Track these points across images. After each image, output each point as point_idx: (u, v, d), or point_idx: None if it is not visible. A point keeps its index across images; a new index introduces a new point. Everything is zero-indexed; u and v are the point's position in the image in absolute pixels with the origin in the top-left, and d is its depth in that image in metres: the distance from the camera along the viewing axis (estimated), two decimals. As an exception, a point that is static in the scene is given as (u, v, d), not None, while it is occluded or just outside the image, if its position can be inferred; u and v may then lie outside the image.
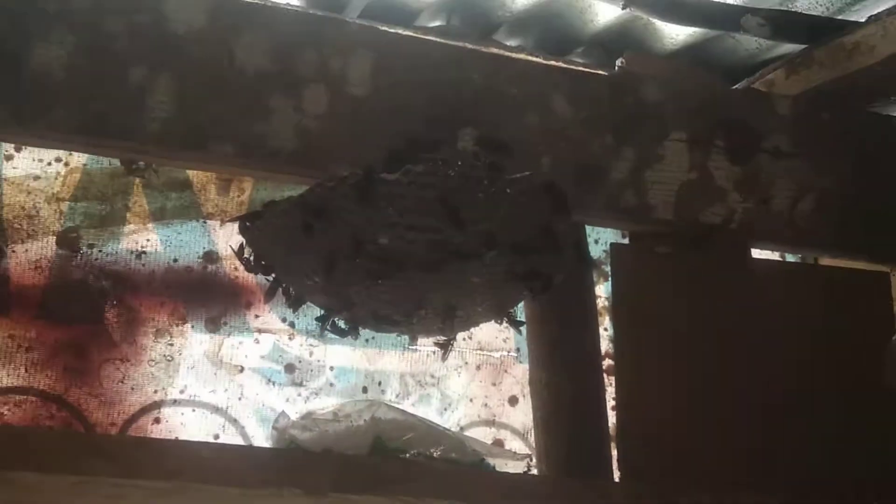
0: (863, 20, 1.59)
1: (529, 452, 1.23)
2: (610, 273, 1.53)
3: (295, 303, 1.35)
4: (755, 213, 1.52)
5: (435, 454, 1.05)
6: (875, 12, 1.58)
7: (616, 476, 1.43)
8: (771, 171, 1.53)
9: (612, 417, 1.51)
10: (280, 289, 1.34)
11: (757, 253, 1.63)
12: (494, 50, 1.72)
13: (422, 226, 1.25)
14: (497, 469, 1.08)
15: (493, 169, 1.28)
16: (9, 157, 1.64)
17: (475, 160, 1.29)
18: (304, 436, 1.03)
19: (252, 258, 1.31)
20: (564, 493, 1.03)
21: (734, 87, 1.75)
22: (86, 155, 1.66)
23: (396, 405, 1.13)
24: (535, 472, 1.22)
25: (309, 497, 0.92)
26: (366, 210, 1.24)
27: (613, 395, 1.48)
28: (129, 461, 0.87)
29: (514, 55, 1.72)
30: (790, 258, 1.82)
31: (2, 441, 0.87)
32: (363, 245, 1.24)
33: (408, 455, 1.05)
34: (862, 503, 1.37)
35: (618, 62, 1.70)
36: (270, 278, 1.33)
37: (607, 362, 1.57)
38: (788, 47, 1.73)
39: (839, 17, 1.67)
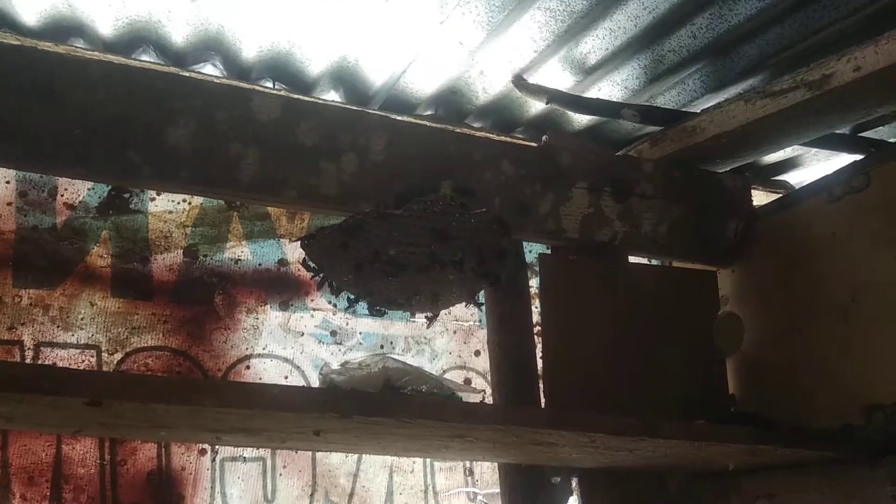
0: (698, 111, 1.62)
1: (485, 389, 1.25)
2: (539, 272, 1.54)
3: (336, 292, 1.36)
4: (631, 234, 1.54)
5: (423, 389, 1.07)
6: (705, 107, 1.61)
7: (542, 404, 1.46)
8: (640, 207, 1.56)
9: (539, 365, 1.52)
10: (326, 283, 1.35)
11: (632, 259, 1.65)
12: (466, 130, 1.74)
13: (416, 243, 1.28)
14: (463, 399, 1.11)
15: (463, 207, 1.31)
16: (152, 199, 1.65)
17: (451, 201, 1.31)
18: (339, 379, 1.05)
19: (309, 264, 1.33)
20: (505, 414, 1.05)
21: (617, 153, 1.77)
22: (202, 197, 1.68)
23: (400, 358, 1.15)
24: (489, 402, 1.25)
25: (341, 419, 0.94)
26: (380, 232, 1.26)
27: (541, 351, 1.49)
28: (225, 396, 0.89)
29: (477, 133, 1.73)
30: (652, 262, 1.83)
31: (142, 386, 0.88)
32: (379, 255, 1.27)
33: (406, 391, 1.07)
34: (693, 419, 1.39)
35: (543, 138, 1.72)
36: (320, 276, 1.34)
37: (536, 329, 1.58)
38: (649, 129, 1.76)
39: (684, 110, 1.70)
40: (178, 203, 1.65)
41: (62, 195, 1.57)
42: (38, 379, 0.78)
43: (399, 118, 1.57)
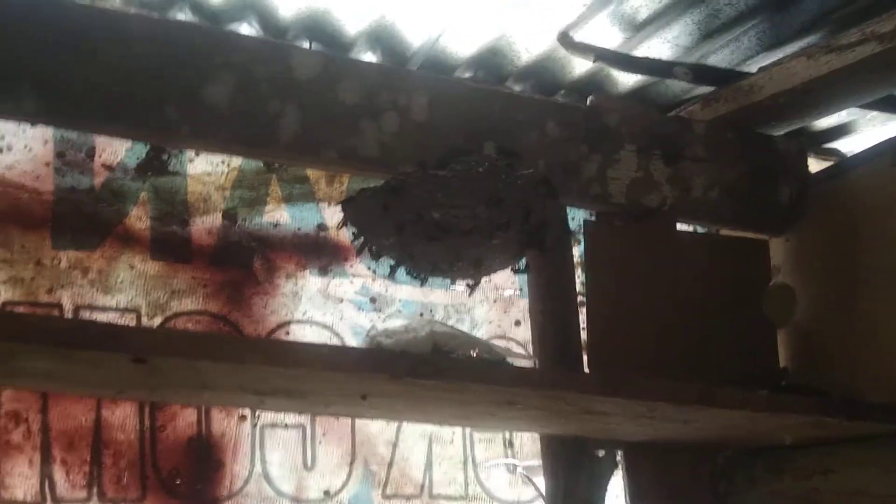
0: (753, 71, 1.56)
1: (534, 357, 1.22)
2: (582, 239, 1.51)
3: (376, 256, 1.34)
4: (681, 199, 1.49)
5: (473, 354, 1.04)
6: (761, 66, 1.55)
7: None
8: (691, 170, 1.51)
9: (583, 335, 1.49)
10: (366, 248, 1.33)
11: (680, 226, 1.61)
12: (509, 91, 1.70)
13: (461, 205, 1.24)
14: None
15: (508, 167, 1.27)
16: (191, 160, 1.64)
17: (496, 161, 1.28)
18: (387, 342, 1.02)
19: (349, 227, 1.30)
20: (561, 379, 1.01)
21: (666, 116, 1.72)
22: (241, 158, 1.66)
23: (446, 324, 1.13)
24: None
25: (391, 381, 0.92)
26: (423, 193, 1.23)
27: (584, 321, 1.46)
28: (271, 354, 0.86)
29: (521, 94, 1.69)
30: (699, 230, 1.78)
31: (189, 342, 0.86)
32: (422, 217, 1.24)
33: (455, 355, 1.04)
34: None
35: (589, 99, 1.67)
36: (360, 240, 1.32)
37: (580, 298, 1.55)
38: (701, 90, 1.69)
39: (738, 70, 1.64)
40: (217, 165, 1.64)
41: (100, 156, 1.56)
42: (79, 333, 0.76)
43: (441, 77, 1.53)
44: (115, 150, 1.55)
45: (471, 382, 0.93)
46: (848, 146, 2.00)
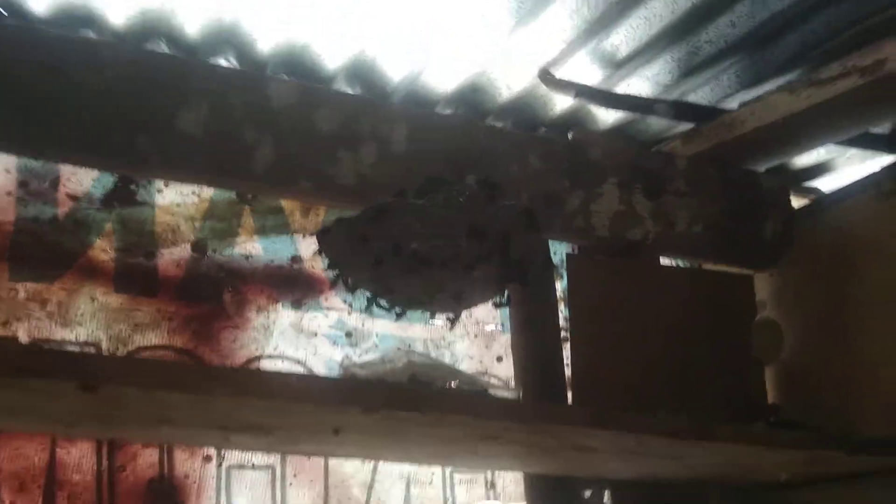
0: (734, 107, 1.56)
1: (519, 389, 1.18)
2: (565, 274, 1.49)
3: (352, 289, 1.30)
4: (664, 233, 1.48)
5: (453, 385, 0.99)
6: (742, 102, 1.55)
7: None
8: (674, 205, 1.50)
9: (567, 371, 1.46)
10: (342, 280, 1.29)
11: (664, 260, 1.59)
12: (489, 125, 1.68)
13: (441, 236, 1.21)
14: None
15: (490, 198, 1.25)
16: (160, 191, 1.60)
17: (477, 191, 1.25)
18: (362, 373, 0.97)
19: (324, 259, 1.27)
20: (549, 412, 0.96)
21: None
22: (212, 189, 1.63)
23: (425, 354, 1.08)
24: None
25: (366, 413, 0.86)
26: (402, 224, 1.20)
27: (568, 356, 1.43)
28: (235, 383, 0.81)
29: (502, 128, 1.68)
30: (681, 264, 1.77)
31: (144, 369, 0.80)
32: (401, 249, 1.20)
33: (434, 386, 0.99)
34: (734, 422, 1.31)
35: (569, 135, 1.67)
36: (336, 273, 1.28)
37: (563, 334, 1.51)
38: (681, 128, 1.69)
39: (718, 107, 1.64)
40: (187, 195, 1.60)
41: (65, 185, 1.52)
42: (25, 358, 0.70)
43: (422, 109, 1.51)
44: (81, 180, 1.51)
45: (451, 414, 0.88)
46: (827, 185, 2.01)
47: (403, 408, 0.85)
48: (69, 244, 1.48)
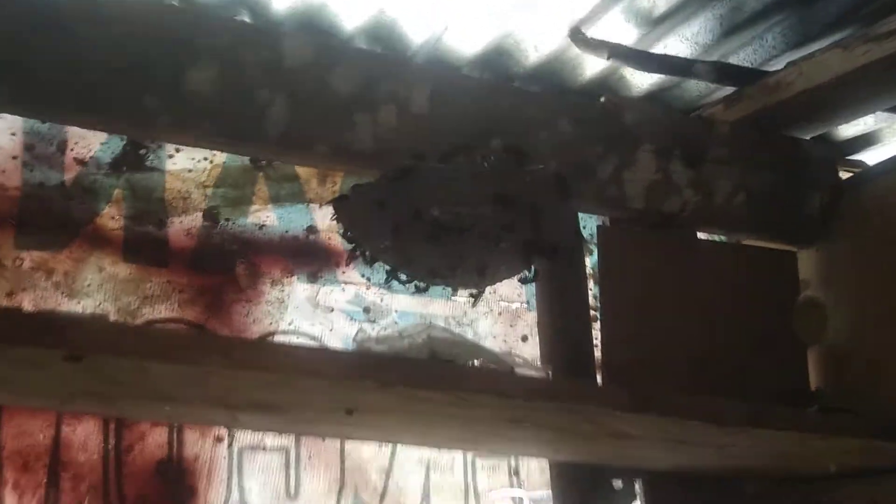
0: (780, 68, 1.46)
1: (549, 365, 1.10)
2: (596, 248, 1.41)
3: (370, 261, 1.24)
4: (702, 204, 1.40)
5: (477, 364, 0.91)
6: (790, 62, 1.45)
7: None
8: (714, 173, 1.41)
9: (596, 352, 1.39)
10: (359, 252, 1.23)
11: (701, 234, 1.51)
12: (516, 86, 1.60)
13: (463, 202, 1.14)
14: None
15: (517, 163, 1.17)
16: (170, 156, 1.54)
17: (504, 157, 1.17)
18: (378, 347, 0.89)
19: (341, 228, 1.21)
20: (576, 392, 0.88)
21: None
22: (225, 154, 1.57)
23: (446, 328, 1.01)
24: None
25: (381, 390, 0.79)
26: (423, 188, 1.12)
27: (598, 336, 1.36)
28: (237, 355, 0.73)
29: (530, 90, 1.60)
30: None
31: (133, 338, 0.73)
32: (421, 215, 1.13)
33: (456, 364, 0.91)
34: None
35: (601, 99, 1.57)
36: (353, 244, 1.22)
37: (592, 312, 1.44)
38: (719, 95, 1.59)
39: (762, 69, 1.54)
40: (199, 161, 1.54)
41: (72, 149, 1.47)
42: (3, 324, 0.64)
43: (444, 69, 1.43)
44: (89, 144, 1.45)
45: (475, 393, 0.80)
46: (873, 158, 1.89)
47: (422, 385, 0.78)
48: (76, 211, 1.43)
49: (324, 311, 1.60)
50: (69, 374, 0.70)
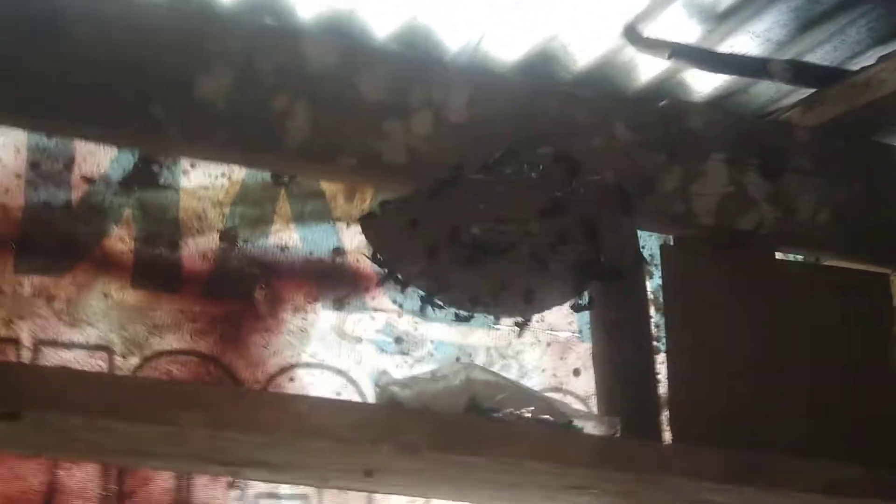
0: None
1: (616, 417, 0.94)
2: (659, 270, 1.28)
3: (403, 286, 1.13)
4: (782, 221, 1.27)
5: (526, 414, 0.75)
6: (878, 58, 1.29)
7: (667, 437, 1.16)
8: (795, 186, 1.28)
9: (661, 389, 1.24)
10: (391, 276, 1.11)
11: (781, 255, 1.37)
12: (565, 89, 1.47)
13: (508, 218, 1.00)
14: (586, 430, 0.78)
15: (569, 172, 1.03)
16: (185, 172, 1.44)
17: (553, 166, 1.03)
18: (405, 393, 0.75)
19: (370, 249, 1.09)
20: (652, 456, 0.71)
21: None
22: (244, 170, 1.47)
23: (488, 369, 0.86)
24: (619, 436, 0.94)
25: (405, 454, 0.63)
26: (461, 204, 0.99)
27: (662, 371, 1.23)
28: (222, 413, 0.59)
29: (580, 93, 1.48)
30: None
31: (89, 390, 0.59)
32: (459, 234, 1.00)
33: (501, 414, 0.75)
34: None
35: (661, 104, 1.44)
36: (384, 267, 1.10)
37: (655, 343, 1.28)
38: (790, 100, 1.44)
39: (845, 69, 1.38)
40: (216, 178, 1.43)
41: (80, 166, 1.37)
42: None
43: (484, 71, 1.32)
44: (98, 161, 1.36)
45: (528, 459, 0.64)
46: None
47: (457, 449, 0.62)
48: (83, 233, 1.34)
49: (351, 342, 1.47)
50: (14, 432, 0.57)
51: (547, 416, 0.74)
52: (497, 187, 1.01)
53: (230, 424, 0.58)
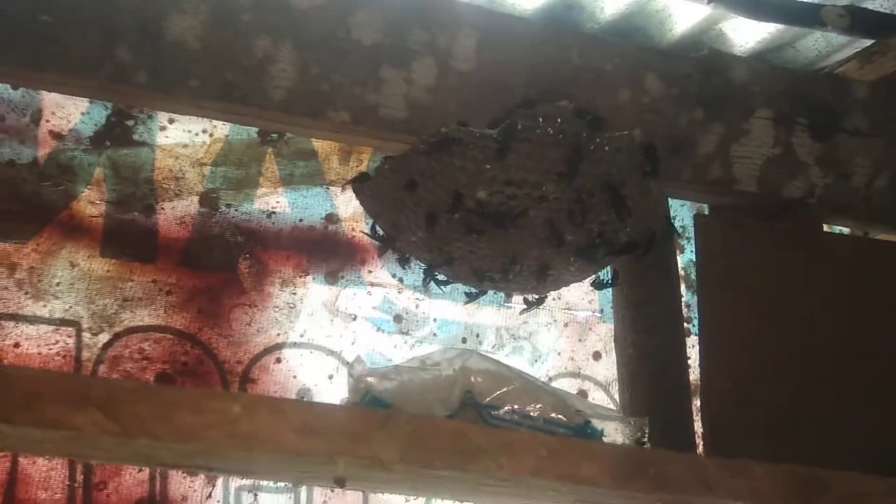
0: (939, 11, 1.12)
1: (644, 418, 0.81)
2: (693, 242, 1.14)
3: (403, 260, 0.99)
4: (835, 188, 1.12)
5: (533, 413, 0.61)
6: (952, 3, 1.11)
7: (698, 426, 1.05)
8: (850, 148, 1.13)
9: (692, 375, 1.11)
10: (389, 247, 0.98)
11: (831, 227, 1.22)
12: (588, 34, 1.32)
13: (519, 181, 0.85)
14: (605, 436, 0.64)
15: (591, 127, 0.88)
16: (163, 128, 1.30)
17: (574, 121, 0.88)
18: (382, 386, 0.61)
19: (372, 225, 0.96)
20: (696, 474, 0.57)
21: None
22: (228, 126, 1.34)
23: (490, 355, 0.72)
24: (647, 442, 0.80)
25: (373, 469, 0.49)
26: (466, 163, 0.84)
27: (694, 356, 1.10)
28: (124, 415, 0.46)
29: (607, 38, 1.33)
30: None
31: None
32: (463, 199, 0.85)
33: (501, 413, 0.62)
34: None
35: (703, 52, 1.29)
36: (380, 236, 0.97)
37: (686, 325, 1.15)
38: (844, 54, 1.28)
39: None
40: (196, 134, 1.29)
41: (48, 120, 1.24)
42: None
43: (496, 10, 1.17)
44: (68, 115, 1.23)
45: (530, 476, 0.50)
46: None
47: (435, 464, 0.48)
48: (50, 194, 1.21)
49: (345, 320, 1.34)
50: None
51: (558, 416, 0.60)
52: (509, 146, 0.86)
53: (136, 430, 0.44)
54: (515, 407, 0.62)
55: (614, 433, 0.65)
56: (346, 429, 0.48)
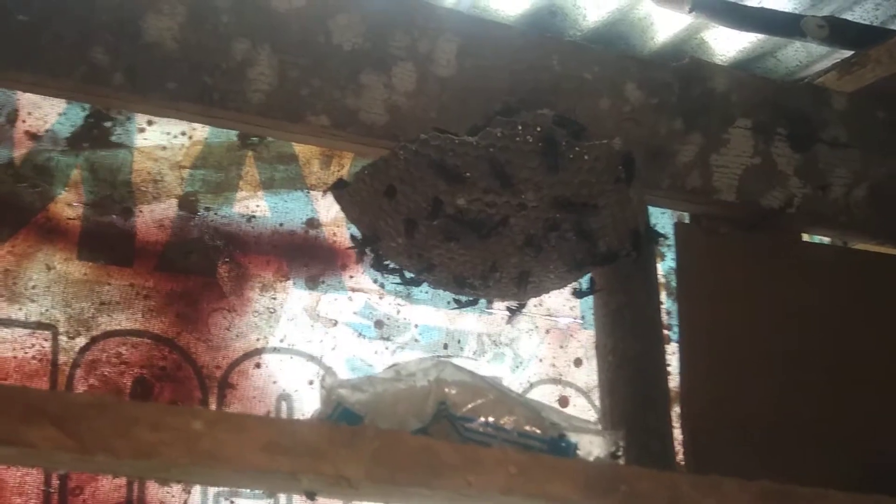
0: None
1: (619, 432, 0.78)
2: (673, 251, 1.12)
3: (380, 266, 0.96)
4: (813, 199, 1.10)
5: (507, 426, 0.59)
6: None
7: (677, 433, 1.03)
8: (829, 159, 1.11)
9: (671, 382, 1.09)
10: (369, 251, 0.95)
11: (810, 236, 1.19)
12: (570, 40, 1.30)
13: (499, 189, 0.82)
14: (579, 449, 0.61)
15: (572, 136, 0.85)
16: (141, 130, 1.27)
17: (554, 130, 0.85)
18: (355, 397, 0.59)
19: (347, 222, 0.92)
20: (668, 492, 0.54)
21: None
22: (207, 129, 1.31)
23: (465, 367, 0.69)
24: (621, 456, 0.77)
25: (340, 487, 0.47)
26: (444, 171, 0.81)
27: (673, 363, 1.09)
28: (81, 431, 0.43)
29: (588, 46, 1.30)
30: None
31: None
32: (442, 206, 0.82)
33: (475, 425, 0.59)
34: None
35: (683, 62, 1.27)
36: (360, 242, 0.95)
37: (665, 332, 1.13)
38: (823, 64, 1.27)
39: (887, 28, 1.20)
40: (175, 136, 1.26)
41: (24, 121, 1.20)
42: None
43: (477, 16, 1.15)
44: (45, 115, 1.20)
45: (499, 493, 0.47)
46: None
47: (401, 481, 0.45)
48: (26, 196, 1.17)
49: (325, 325, 1.31)
50: None
51: (533, 429, 0.58)
52: (489, 154, 0.83)
53: (94, 446, 0.41)
54: (490, 419, 0.59)
55: (589, 446, 0.63)
56: (310, 446, 0.45)
